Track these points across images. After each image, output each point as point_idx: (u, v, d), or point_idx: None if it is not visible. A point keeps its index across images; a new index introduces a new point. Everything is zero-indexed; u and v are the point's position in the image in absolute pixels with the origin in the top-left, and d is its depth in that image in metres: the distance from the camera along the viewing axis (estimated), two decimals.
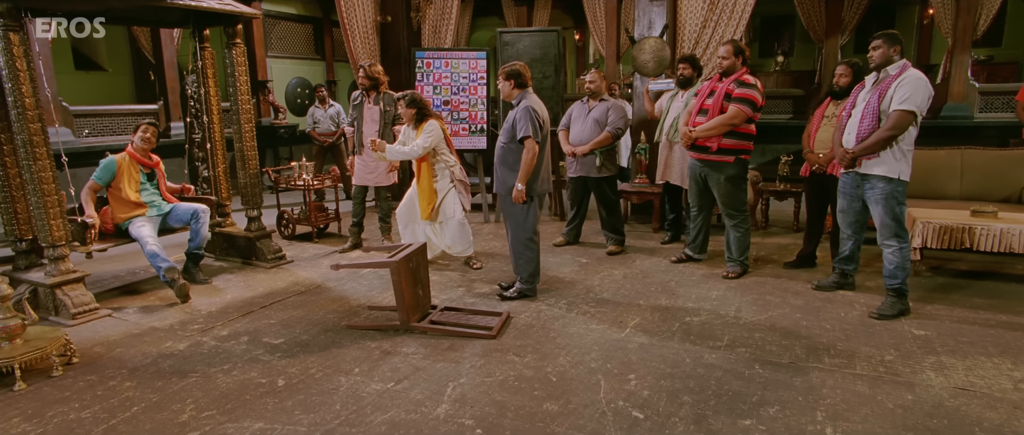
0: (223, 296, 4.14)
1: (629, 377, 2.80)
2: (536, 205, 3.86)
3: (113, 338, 3.41)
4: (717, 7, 5.91)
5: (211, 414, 2.54)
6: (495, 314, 3.57)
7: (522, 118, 3.64)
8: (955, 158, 5.19)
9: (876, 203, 3.49)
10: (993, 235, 3.96)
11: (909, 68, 3.37)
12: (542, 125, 3.70)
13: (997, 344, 3.10)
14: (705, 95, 4.27)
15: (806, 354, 3.03)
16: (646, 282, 4.25)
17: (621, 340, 3.23)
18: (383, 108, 5.09)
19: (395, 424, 2.43)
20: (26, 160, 3.57)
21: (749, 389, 2.68)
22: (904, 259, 3.50)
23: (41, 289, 3.73)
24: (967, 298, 3.82)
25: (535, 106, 3.69)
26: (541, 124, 3.69)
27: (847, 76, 4.10)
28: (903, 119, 3.31)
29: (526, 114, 3.64)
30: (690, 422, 2.41)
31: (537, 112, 3.66)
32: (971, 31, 7.77)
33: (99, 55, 9.68)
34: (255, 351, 3.19)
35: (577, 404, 2.57)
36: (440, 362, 3.00)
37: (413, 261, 3.50)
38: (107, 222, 4.28)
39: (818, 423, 2.39)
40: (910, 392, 2.63)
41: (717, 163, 4.24)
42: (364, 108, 5.12)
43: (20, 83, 3.45)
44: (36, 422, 2.50)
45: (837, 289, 3.99)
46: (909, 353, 3.02)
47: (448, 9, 7.24)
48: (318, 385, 2.78)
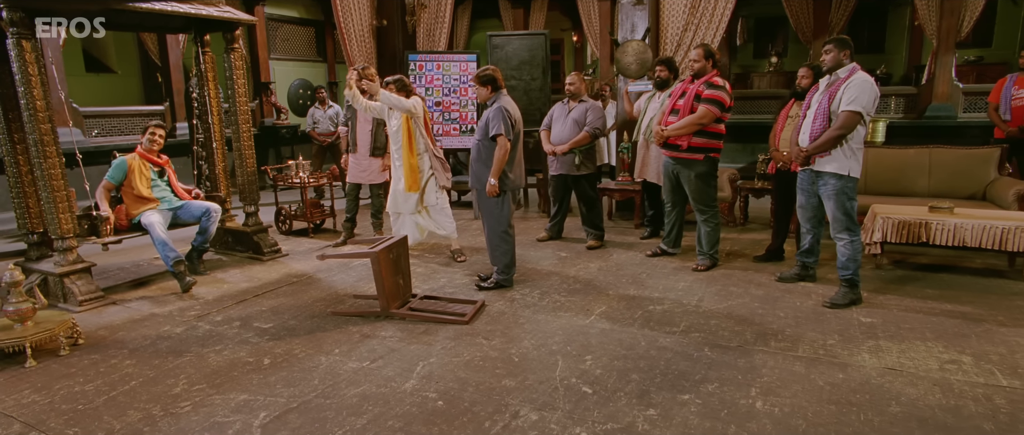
0: (221, 286, 4.41)
1: (586, 358, 3.04)
2: (510, 199, 4.10)
3: (116, 323, 3.69)
4: (697, 11, 6.12)
5: (201, 388, 2.80)
6: (470, 302, 3.82)
7: (494, 117, 3.90)
8: (924, 156, 5.38)
9: (828, 198, 3.71)
10: (947, 230, 4.16)
11: (857, 71, 3.58)
12: (514, 124, 3.95)
13: (935, 330, 3.31)
14: (677, 96, 4.49)
15: (755, 338, 3.26)
16: (619, 274, 4.48)
17: (585, 326, 3.47)
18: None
19: (365, 397, 2.68)
20: (37, 158, 3.85)
21: (694, 369, 2.90)
22: (855, 251, 3.71)
23: (51, 278, 4.02)
24: (920, 289, 4.02)
25: (507, 106, 3.94)
26: (513, 123, 3.94)
27: (808, 78, 4.31)
28: (850, 119, 3.52)
29: (498, 113, 3.89)
30: (634, 397, 2.64)
31: (509, 112, 3.92)
32: (954, 33, 7.93)
33: (109, 58, 10.02)
34: (246, 334, 3.45)
35: (533, 381, 2.81)
36: (414, 344, 3.25)
37: (394, 252, 3.75)
38: (121, 218, 4.55)
39: (751, 398, 2.62)
40: (842, 372, 2.85)
41: (688, 161, 4.46)
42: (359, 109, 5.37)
43: (32, 87, 3.74)
44: (44, 394, 2.78)
45: (798, 281, 4.21)
46: (851, 338, 3.24)
47: (442, 13, 7.50)
48: (300, 363, 3.04)
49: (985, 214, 4.25)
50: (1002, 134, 5.62)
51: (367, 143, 5.31)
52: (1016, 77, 5.59)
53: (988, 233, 4.05)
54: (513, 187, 4.08)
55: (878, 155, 5.58)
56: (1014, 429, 2.34)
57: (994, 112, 5.69)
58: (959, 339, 3.18)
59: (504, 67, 6.69)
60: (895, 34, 10.88)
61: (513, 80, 6.65)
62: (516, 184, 4.11)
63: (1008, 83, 5.61)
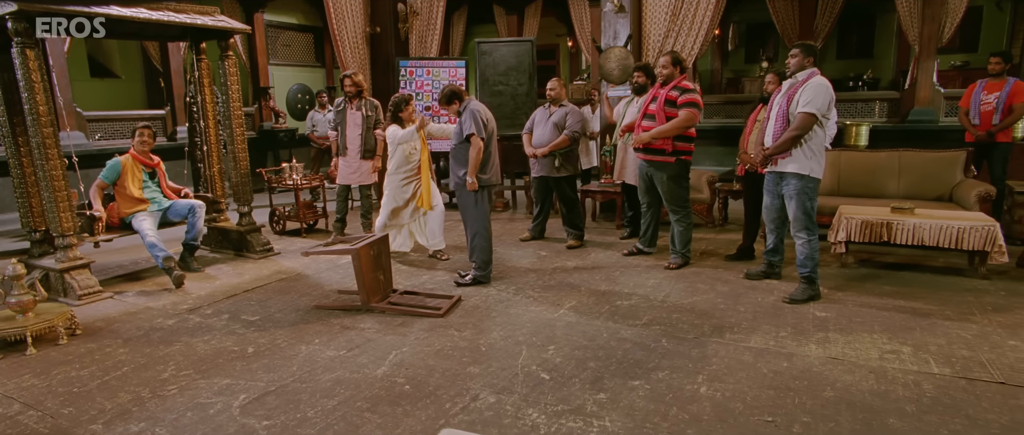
0: (213, 282, 4.63)
1: (549, 348, 3.23)
2: (486, 197, 4.31)
3: (112, 315, 3.91)
4: (678, 18, 6.32)
5: (188, 373, 3.01)
6: (447, 297, 4.02)
7: (466, 119, 4.15)
8: (894, 160, 5.56)
9: (790, 198, 3.90)
10: (907, 229, 4.33)
11: (815, 75, 3.77)
12: (486, 124, 4.19)
13: (884, 324, 3.49)
14: (648, 101, 4.69)
15: (711, 331, 3.44)
16: (593, 272, 4.67)
17: (553, 319, 3.66)
18: (365, 113, 5.59)
19: (339, 381, 2.89)
20: (40, 160, 4.08)
21: (649, 358, 3.09)
22: (813, 250, 3.89)
23: (52, 273, 4.24)
24: (879, 286, 4.19)
25: (476, 108, 4.21)
26: (484, 123, 4.19)
27: (774, 83, 4.49)
28: (806, 120, 3.71)
29: (470, 116, 4.15)
30: (587, 382, 2.84)
31: (479, 113, 4.19)
32: (936, 38, 8.09)
33: (113, 63, 10.30)
34: (233, 326, 3.66)
35: (496, 368, 3.00)
36: (389, 335, 3.46)
37: (374, 249, 3.96)
38: (113, 216, 4.79)
39: (697, 384, 2.81)
40: (788, 361, 3.03)
41: (660, 163, 4.66)
42: (347, 113, 5.61)
43: (35, 93, 3.97)
44: (42, 378, 2.99)
45: (764, 278, 4.39)
46: (803, 330, 3.42)
47: (433, 20, 7.72)
48: (282, 352, 3.25)
49: (943, 214, 4.42)
50: (972, 138, 5.78)
51: (357, 145, 5.53)
52: (985, 83, 5.74)
53: (945, 232, 4.23)
54: (488, 185, 4.30)
55: (851, 158, 5.76)
56: (932, 410, 2.52)
57: (964, 116, 5.84)
58: (904, 332, 3.36)
59: (492, 73, 6.92)
60: (883, 39, 11.04)
61: (500, 85, 6.86)
62: (491, 182, 4.32)
63: (978, 88, 5.76)
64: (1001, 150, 5.71)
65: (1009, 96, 5.46)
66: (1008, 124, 5.56)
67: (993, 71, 5.66)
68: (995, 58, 5.71)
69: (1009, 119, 5.52)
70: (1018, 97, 5.45)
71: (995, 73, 5.65)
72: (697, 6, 6.22)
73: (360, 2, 7.41)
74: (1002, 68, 5.61)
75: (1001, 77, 5.60)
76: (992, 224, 4.15)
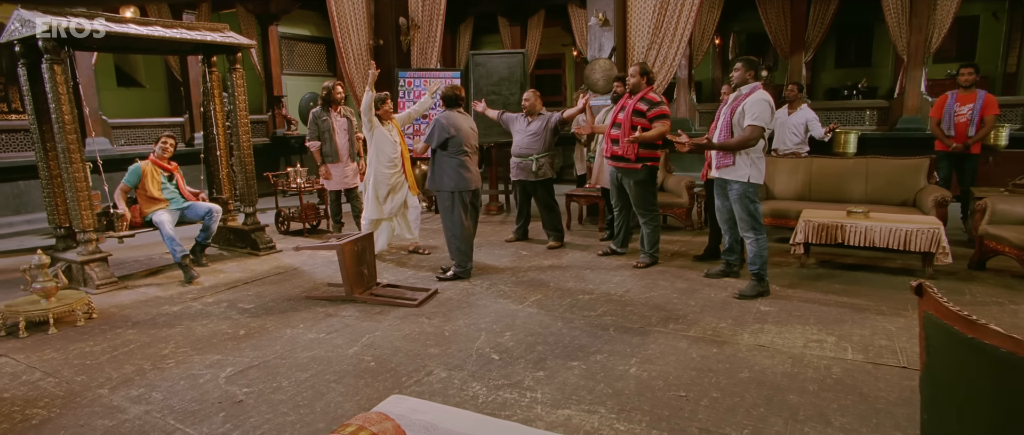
0: (218, 276, 5.07)
1: (505, 334, 3.59)
2: (458, 200, 4.69)
3: (125, 303, 4.37)
4: (660, 32, 6.65)
5: (185, 350, 3.44)
6: (424, 290, 4.40)
7: (431, 127, 4.71)
8: (862, 166, 5.80)
9: (735, 202, 4.20)
10: (859, 232, 4.59)
11: (757, 90, 4.08)
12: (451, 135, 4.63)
13: (820, 318, 3.77)
14: (618, 111, 5.03)
15: (658, 322, 3.76)
16: (566, 270, 5.01)
17: (516, 310, 4.02)
18: (349, 117, 6.10)
19: (314, 358, 3.28)
20: (65, 163, 4.57)
21: (594, 344, 3.43)
22: (761, 248, 4.19)
23: (74, 265, 4.73)
24: (829, 285, 4.46)
25: (443, 119, 4.66)
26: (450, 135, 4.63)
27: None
28: (754, 133, 4.02)
29: (434, 125, 4.68)
30: (532, 363, 3.19)
31: (442, 123, 4.63)
32: (923, 48, 8.28)
33: (138, 73, 10.94)
34: (230, 313, 4.09)
35: (454, 350, 3.37)
36: (366, 322, 3.85)
37: (359, 245, 4.36)
38: (135, 216, 5.27)
39: (629, 365, 3.14)
40: (718, 347, 3.34)
41: (629, 170, 4.98)
42: (334, 120, 6.06)
43: (61, 103, 4.46)
44: (61, 352, 3.44)
45: (723, 277, 4.68)
46: (742, 322, 3.72)
47: (433, 33, 8.14)
48: (269, 334, 3.66)
49: (895, 218, 4.67)
50: (944, 147, 5.95)
51: (346, 150, 6.00)
52: (957, 94, 5.90)
53: (894, 235, 4.49)
54: (456, 190, 4.67)
55: (822, 164, 6.02)
56: (832, 389, 2.82)
57: (937, 127, 6.00)
58: (835, 324, 3.64)
59: (485, 83, 7.30)
60: (881, 49, 11.17)
61: (493, 95, 7.24)
62: (458, 187, 4.68)
63: (950, 100, 5.93)
64: (972, 161, 5.91)
65: (983, 108, 5.66)
66: (983, 136, 5.74)
67: (965, 83, 5.82)
68: (967, 69, 5.88)
69: (983, 131, 5.70)
70: (990, 109, 5.67)
71: (967, 84, 5.82)
72: (677, 19, 6.53)
73: (364, 16, 7.87)
74: (974, 79, 5.78)
75: (972, 89, 5.77)
76: (937, 226, 4.39)
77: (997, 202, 4.75)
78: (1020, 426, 1.33)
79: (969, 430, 1.43)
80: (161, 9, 8.57)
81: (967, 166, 5.94)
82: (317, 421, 2.62)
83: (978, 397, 1.41)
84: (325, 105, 6.08)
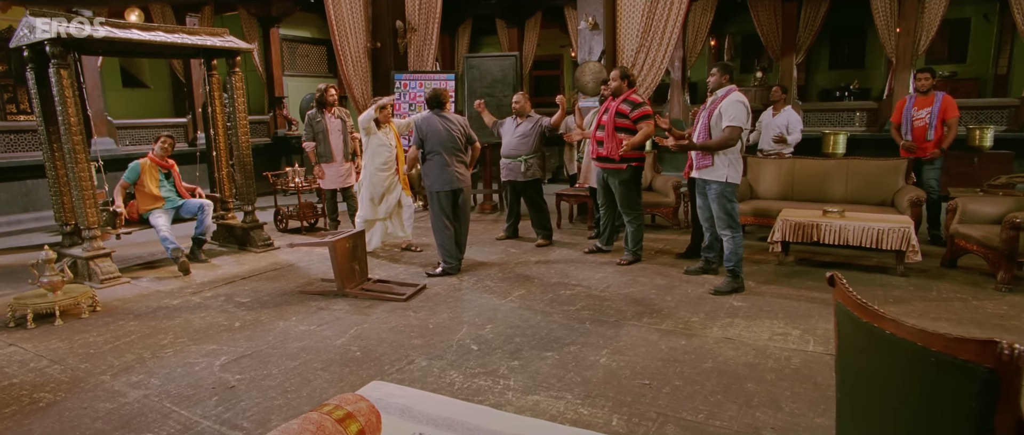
0: (216, 271, 5.28)
1: (486, 327, 3.77)
2: (438, 200, 4.88)
3: (127, 296, 4.57)
4: (649, 34, 6.81)
5: (183, 341, 3.64)
6: (413, 285, 4.59)
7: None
8: (842, 167, 5.96)
9: (713, 201, 4.37)
10: (833, 230, 4.75)
11: (732, 92, 4.25)
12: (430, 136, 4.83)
13: (788, 313, 3.93)
14: (602, 113, 5.20)
15: (634, 316, 3.94)
16: (551, 267, 5.19)
17: (499, 305, 4.20)
18: (343, 118, 6.30)
19: (304, 348, 3.47)
20: (70, 163, 4.78)
21: (569, 336, 3.61)
22: (737, 246, 4.36)
23: (78, 260, 4.94)
24: (803, 282, 4.63)
25: (418, 121, 4.90)
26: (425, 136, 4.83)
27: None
28: (733, 134, 4.19)
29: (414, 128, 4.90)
30: (508, 353, 3.37)
31: (417, 124, 4.86)
32: (911, 51, 8.42)
33: (143, 74, 11.19)
34: (227, 306, 4.29)
35: (436, 341, 3.56)
36: (355, 315, 4.04)
37: (350, 242, 4.55)
38: (133, 212, 5.49)
39: (600, 355, 3.31)
40: (686, 340, 3.52)
41: (614, 170, 5.16)
42: (328, 121, 6.25)
43: (67, 106, 4.67)
44: (66, 342, 3.65)
45: (702, 274, 4.85)
46: (714, 317, 3.89)
47: (429, 35, 8.33)
48: (263, 326, 3.85)
49: (868, 217, 4.83)
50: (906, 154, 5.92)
51: (341, 150, 6.20)
52: (915, 98, 5.89)
53: (867, 233, 4.64)
54: (433, 189, 4.87)
55: (804, 165, 6.17)
56: (789, 378, 2.99)
57: (896, 132, 6.01)
58: (802, 319, 3.81)
59: (479, 85, 7.49)
60: (873, 51, 11.30)
61: (487, 97, 7.42)
62: (435, 187, 4.87)
63: (908, 104, 5.89)
64: (933, 165, 5.77)
65: (941, 110, 5.63)
66: (951, 141, 5.74)
67: (922, 88, 5.75)
68: (923, 74, 5.82)
69: (950, 136, 5.71)
70: (950, 111, 5.65)
71: (924, 89, 5.74)
72: (665, 22, 6.69)
73: (362, 19, 8.06)
74: (931, 84, 5.74)
75: (929, 93, 5.76)
76: (908, 225, 4.55)
77: (968, 202, 4.90)
78: (912, 400, 1.50)
79: (871, 407, 1.60)
80: (165, 11, 8.80)
81: (926, 171, 5.78)
82: (303, 405, 2.81)
83: (875, 376, 1.58)
84: (319, 107, 6.28)
